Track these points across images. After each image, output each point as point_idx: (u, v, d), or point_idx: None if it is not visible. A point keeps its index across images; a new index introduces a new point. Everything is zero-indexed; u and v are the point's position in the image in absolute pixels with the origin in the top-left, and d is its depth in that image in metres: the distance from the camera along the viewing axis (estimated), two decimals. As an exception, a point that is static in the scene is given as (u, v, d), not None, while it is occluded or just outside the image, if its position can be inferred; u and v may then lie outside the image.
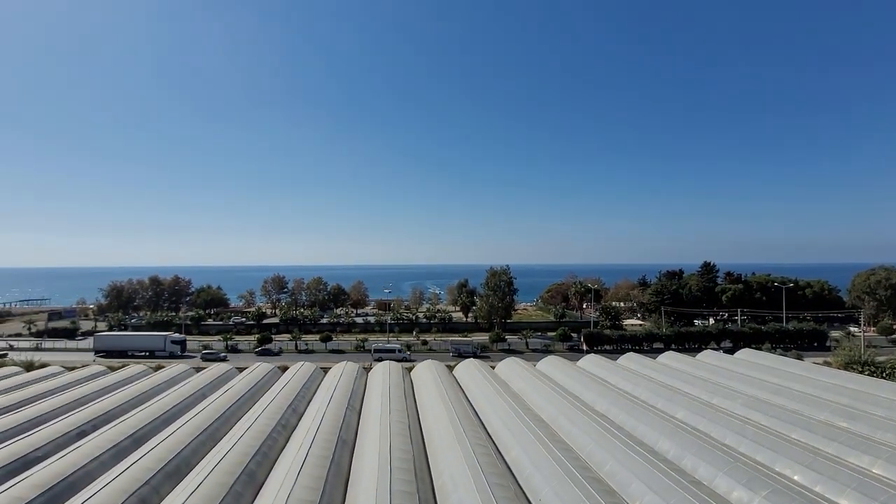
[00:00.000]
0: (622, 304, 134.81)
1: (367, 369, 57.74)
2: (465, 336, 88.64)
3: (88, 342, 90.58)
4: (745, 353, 63.66)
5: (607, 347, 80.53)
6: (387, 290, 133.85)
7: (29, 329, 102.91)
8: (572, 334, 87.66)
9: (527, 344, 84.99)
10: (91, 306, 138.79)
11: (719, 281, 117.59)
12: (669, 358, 61.83)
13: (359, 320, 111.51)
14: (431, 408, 38.70)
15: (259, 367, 54.48)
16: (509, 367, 54.51)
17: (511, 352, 78.55)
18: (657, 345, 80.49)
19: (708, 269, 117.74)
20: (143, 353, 77.51)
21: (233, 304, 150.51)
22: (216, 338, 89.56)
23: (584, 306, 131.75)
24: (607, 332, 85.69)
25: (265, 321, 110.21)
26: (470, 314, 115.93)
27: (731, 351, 68.81)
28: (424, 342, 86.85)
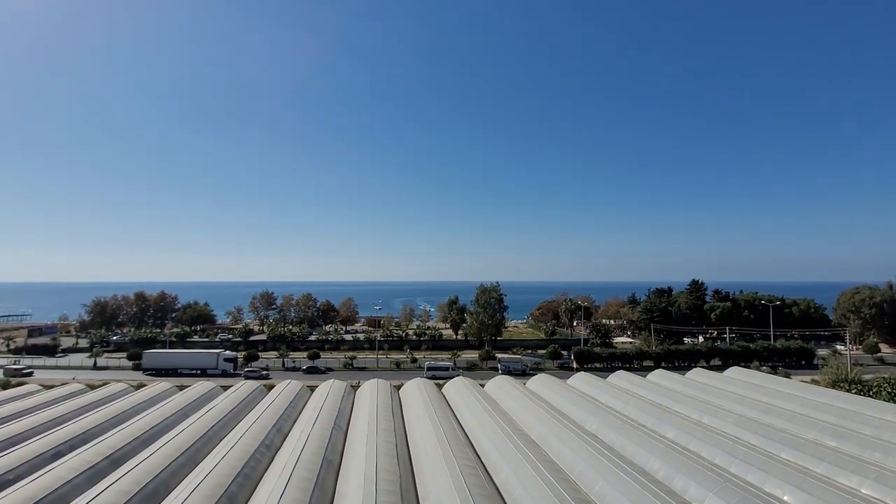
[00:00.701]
0: (612, 321, 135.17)
1: (356, 386, 56.78)
2: (455, 353, 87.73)
3: (69, 359, 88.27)
4: (734, 372, 63.83)
5: (597, 365, 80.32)
6: (377, 307, 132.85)
7: (8, 345, 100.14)
8: (563, 352, 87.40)
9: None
10: (73, 322, 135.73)
11: (707, 299, 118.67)
12: (659, 376, 61.77)
13: (348, 337, 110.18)
14: (419, 427, 38.05)
15: (244, 386, 53.34)
16: (499, 386, 54.00)
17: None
18: (647, 362, 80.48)
19: (696, 287, 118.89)
20: (194, 372, 75.22)
21: (220, 321, 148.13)
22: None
23: (575, 324, 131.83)
24: (597, 349, 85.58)
25: (252, 338, 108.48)
26: (460, 331, 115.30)
27: (720, 369, 69.00)
28: (414, 359, 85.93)
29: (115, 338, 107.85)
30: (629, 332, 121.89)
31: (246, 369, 75.39)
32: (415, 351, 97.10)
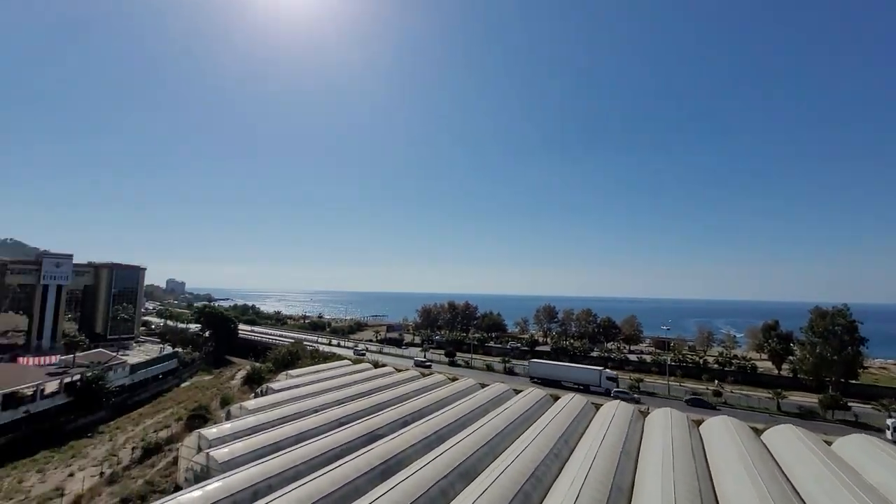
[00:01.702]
0: None
1: (644, 413, 52.45)
2: (779, 393, 68.54)
3: (409, 351, 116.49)
4: None
5: None
6: (665, 328, 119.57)
7: (376, 337, 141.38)
8: None
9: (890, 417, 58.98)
10: (411, 323, 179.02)
11: None
12: None
13: (632, 357, 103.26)
14: (731, 476, 31.57)
15: (532, 392, 57.44)
16: (858, 448, 38.96)
17: (859, 426, 56.35)
18: None
19: None
20: (577, 387, 74.30)
21: (510, 330, 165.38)
22: (496, 359, 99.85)
23: None
24: None
25: (537, 348, 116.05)
26: (784, 366, 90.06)
27: None
28: (718, 392, 72.31)
29: (436, 337, 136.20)
30: None
31: (616, 390, 70.92)
32: (721, 382, 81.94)
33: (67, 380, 61.02)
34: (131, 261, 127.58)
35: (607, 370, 77.40)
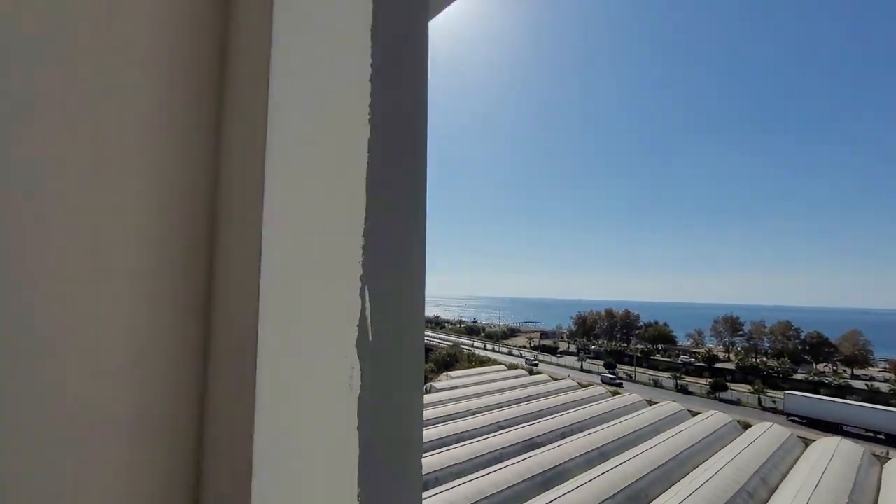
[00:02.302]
0: None
1: (882, 458, 40.85)
2: None
3: (564, 360, 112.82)
4: None
5: None
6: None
7: (529, 344, 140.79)
8: None
9: None
10: (565, 331, 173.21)
11: None
12: None
13: (857, 384, 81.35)
14: None
15: (714, 416, 49.88)
16: None
17: None
18: None
19: None
20: (872, 435, 54.20)
21: (679, 343, 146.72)
22: (665, 374, 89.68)
23: None
24: None
25: (717, 365, 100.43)
26: None
27: None
28: None
29: (593, 347, 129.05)
30: None
31: None
32: None
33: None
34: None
35: None
